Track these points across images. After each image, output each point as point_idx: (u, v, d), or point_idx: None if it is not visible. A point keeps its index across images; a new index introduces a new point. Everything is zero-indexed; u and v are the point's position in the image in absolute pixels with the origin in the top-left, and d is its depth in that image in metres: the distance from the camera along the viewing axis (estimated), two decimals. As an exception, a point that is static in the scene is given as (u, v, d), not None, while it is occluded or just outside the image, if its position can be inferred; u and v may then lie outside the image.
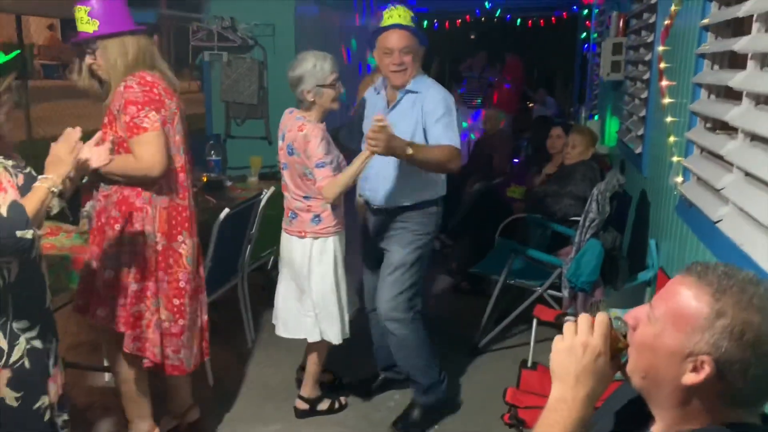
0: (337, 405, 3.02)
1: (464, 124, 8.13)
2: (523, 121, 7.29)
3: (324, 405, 2.99)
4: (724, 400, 0.96)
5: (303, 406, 2.96)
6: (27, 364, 1.80)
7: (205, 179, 3.98)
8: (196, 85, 9.78)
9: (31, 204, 1.72)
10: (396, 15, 2.63)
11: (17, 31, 5.58)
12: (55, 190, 1.77)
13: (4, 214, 1.63)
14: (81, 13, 2.29)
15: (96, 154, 1.92)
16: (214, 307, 3.83)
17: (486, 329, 3.58)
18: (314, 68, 2.65)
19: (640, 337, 1.03)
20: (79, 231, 2.92)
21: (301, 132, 2.63)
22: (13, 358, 1.77)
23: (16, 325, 1.79)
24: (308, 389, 2.96)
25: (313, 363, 2.93)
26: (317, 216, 2.72)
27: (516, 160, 6.05)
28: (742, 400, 0.97)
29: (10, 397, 1.77)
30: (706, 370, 0.94)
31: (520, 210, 4.43)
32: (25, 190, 1.79)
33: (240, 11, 5.67)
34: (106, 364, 3.08)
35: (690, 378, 0.96)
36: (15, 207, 1.66)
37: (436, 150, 2.56)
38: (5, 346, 1.77)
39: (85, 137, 1.93)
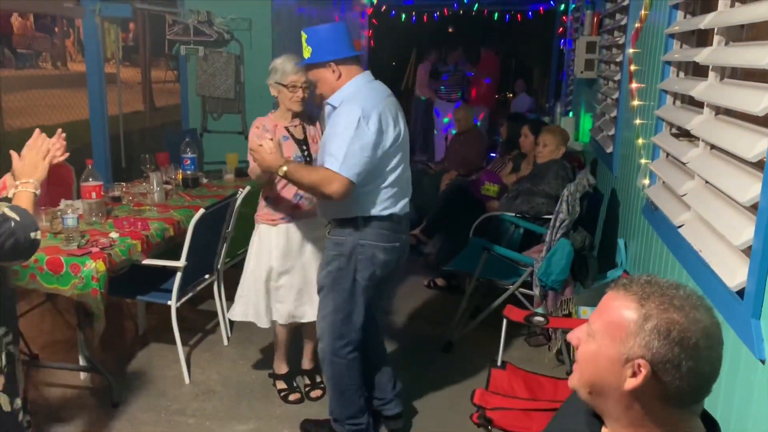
0: (296, 395, 3.12)
1: (446, 120, 8.18)
2: (501, 115, 7.35)
3: (280, 385, 3.17)
4: (665, 401, 1.03)
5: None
6: (8, 369, 1.82)
7: (180, 176, 3.98)
8: (172, 75, 9.68)
9: (27, 207, 1.74)
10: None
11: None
12: (37, 193, 1.80)
13: (17, 217, 1.64)
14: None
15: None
16: (191, 305, 3.86)
17: (459, 326, 3.65)
18: (280, 65, 2.84)
19: (582, 354, 1.11)
20: (53, 231, 2.92)
21: None
22: (3, 364, 1.78)
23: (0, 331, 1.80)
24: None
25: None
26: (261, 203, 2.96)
27: (493, 155, 6.11)
28: (683, 399, 1.04)
29: (5, 402, 1.78)
30: (643, 372, 1.01)
31: (494, 207, 4.50)
32: None
33: (216, 5, 5.63)
34: (81, 363, 3.09)
35: (631, 383, 1.03)
36: (19, 210, 1.68)
37: (312, 172, 2.41)
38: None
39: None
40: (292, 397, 3.11)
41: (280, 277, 2.94)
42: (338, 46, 2.43)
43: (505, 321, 2.61)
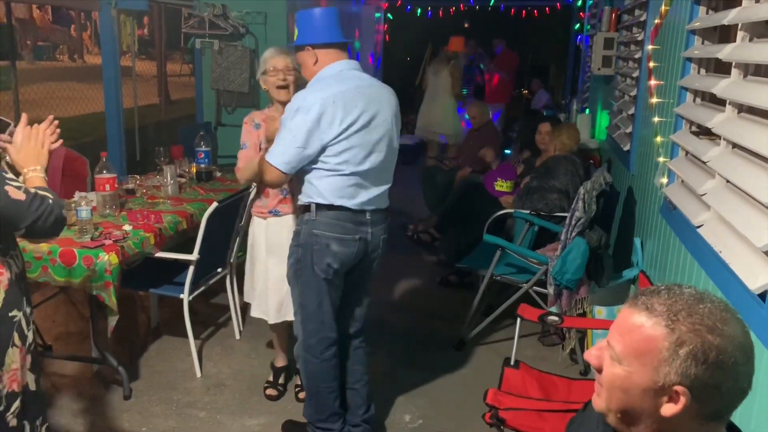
0: (273, 391, 3.10)
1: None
2: (516, 111, 7.30)
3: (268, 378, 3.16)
4: (702, 418, 0.99)
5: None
6: (34, 347, 1.82)
7: (194, 170, 3.98)
8: (188, 68, 9.72)
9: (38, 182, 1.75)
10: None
11: (6, 12, 5.51)
12: (45, 178, 1.80)
13: (50, 195, 1.66)
14: None
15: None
16: (204, 298, 3.87)
17: (472, 323, 3.62)
18: (263, 56, 2.83)
19: (609, 379, 1.04)
20: (67, 223, 2.92)
21: None
22: (29, 341, 1.79)
23: (28, 311, 1.80)
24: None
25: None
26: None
27: (508, 152, 6.06)
28: (718, 414, 1.00)
29: (31, 381, 1.79)
30: (683, 399, 0.97)
31: (507, 203, 4.46)
32: None
33: (232, -2, 5.64)
34: (94, 354, 3.09)
35: (669, 409, 0.98)
36: (47, 189, 1.70)
37: (260, 160, 2.47)
38: (28, 333, 1.77)
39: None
40: (268, 392, 3.08)
41: (270, 271, 2.90)
42: (321, 32, 2.39)
43: (518, 320, 2.58)
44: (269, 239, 2.87)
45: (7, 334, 1.67)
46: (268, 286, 2.91)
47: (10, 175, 1.64)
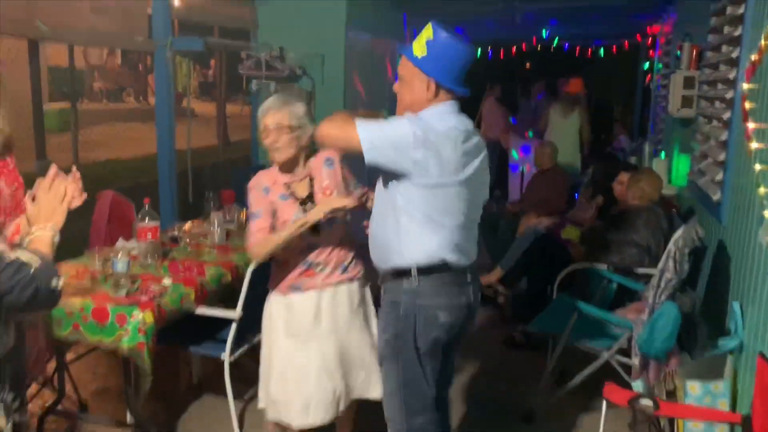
0: None
1: (514, 155, 7.79)
2: (588, 154, 6.90)
3: None
4: None
5: None
6: None
7: (244, 216, 3.79)
8: (248, 110, 9.81)
9: (47, 252, 1.55)
10: (418, 37, 2.11)
11: (69, 57, 5.57)
12: (57, 240, 1.61)
13: (34, 264, 1.45)
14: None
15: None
16: (250, 351, 3.62)
17: (542, 392, 3.23)
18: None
19: None
20: (104, 275, 2.74)
21: None
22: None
23: (8, 398, 1.59)
24: None
25: None
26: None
27: (576, 196, 5.68)
28: None
29: None
30: None
31: (578, 254, 4.09)
32: None
33: (290, 40, 5.54)
34: (129, 419, 2.87)
35: None
36: (38, 254, 1.50)
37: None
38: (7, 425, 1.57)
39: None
40: None
41: (292, 360, 2.47)
42: (453, 74, 2.06)
43: (604, 403, 2.21)
44: (290, 321, 2.46)
45: None
46: (288, 379, 2.44)
47: None
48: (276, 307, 2.51)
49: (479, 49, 9.24)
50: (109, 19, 4.71)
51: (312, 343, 2.44)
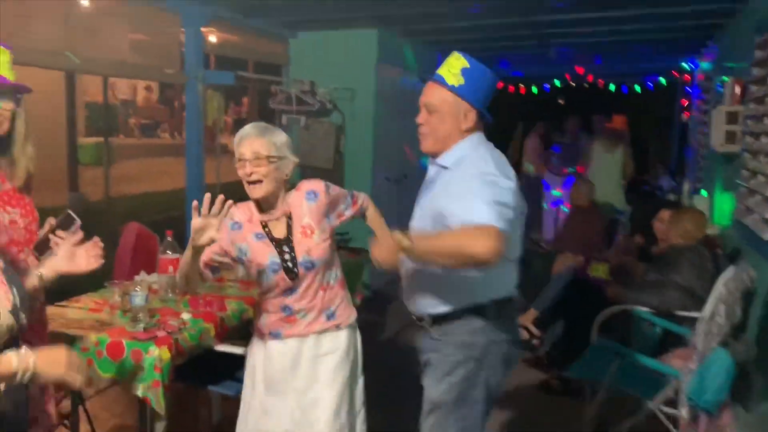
0: None
1: (556, 193, 7.62)
2: (633, 192, 6.69)
3: None
4: None
5: None
6: None
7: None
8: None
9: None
10: (445, 64, 2.02)
11: (103, 92, 5.64)
12: (25, 375, 1.48)
13: None
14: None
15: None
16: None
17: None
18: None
19: None
20: (123, 309, 2.65)
21: None
22: None
23: None
24: None
25: None
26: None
27: (614, 235, 5.48)
28: None
29: None
30: None
31: (614, 294, 3.88)
32: (7, 272, 1.55)
33: (321, 75, 5.54)
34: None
35: None
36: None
37: (441, 236, 1.83)
38: None
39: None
40: None
41: (269, 415, 2.24)
42: (488, 102, 2.03)
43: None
44: (268, 370, 2.23)
45: None
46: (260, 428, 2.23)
47: None
48: (257, 351, 2.28)
49: (513, 85, 9.17)
50: (145, 54, 4.75)
51: (288, 395, 2.20)
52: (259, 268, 2.15)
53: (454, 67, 1.99)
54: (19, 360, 1.46)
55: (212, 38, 5.22)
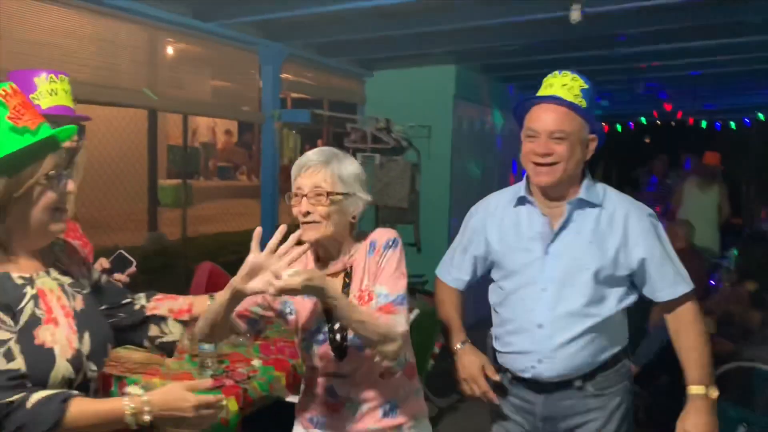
0: None
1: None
2: (728, 235, 6.15)
3: None
4: None
5: None
6: None
7: (344, 293, 3.52)
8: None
9: (84, 414, 1.23)
10: (557, 83, 1.76)
11: (183, 136, 5.73)
12: (133, 422, 1.27)
13: (28, 405, 1.17)
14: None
15: None
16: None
17: None
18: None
19: None
20: (191, 354, 2.51)
21: None
22: None
23: None
24: None
25: None
26: None
27: (712, 283, 5.00)
28: None
29: None
30: None
31: (723, 348, 3.46)
32: (83, 317, 1.37)
33: (396, 112, 5.42)
34: None
35: None
36: (48, 403, 1.20)
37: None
38: None
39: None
40: None
41: None
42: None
43: None
44: None
45: None
46: None
47: None
48: None
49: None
50: (225, 98, 4.79)
51: None
52: (303, 334, 1.72)
53: (573, 88, 1.75)
54: (130, 399, 1.28)
55: (288, 76, 5.22)
